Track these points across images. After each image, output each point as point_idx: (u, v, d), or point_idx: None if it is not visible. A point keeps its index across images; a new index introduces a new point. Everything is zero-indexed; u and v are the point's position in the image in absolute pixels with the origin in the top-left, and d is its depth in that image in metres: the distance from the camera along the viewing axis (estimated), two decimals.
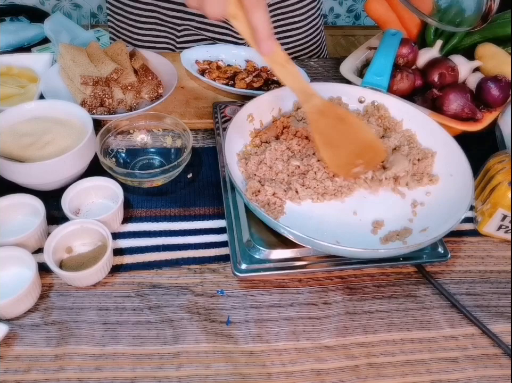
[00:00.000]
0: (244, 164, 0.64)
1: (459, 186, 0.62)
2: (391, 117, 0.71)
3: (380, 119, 0.71)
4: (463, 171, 0.62)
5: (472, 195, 0.58)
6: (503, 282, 0.62)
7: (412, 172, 0.64)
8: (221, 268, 0.61)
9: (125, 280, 0.59)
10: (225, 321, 0.56)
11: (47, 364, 0.51)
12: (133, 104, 0.80)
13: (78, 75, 0.77)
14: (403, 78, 0.76)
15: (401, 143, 0.67)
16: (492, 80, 0.75)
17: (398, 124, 0.71)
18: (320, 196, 0.61)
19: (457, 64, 0.79)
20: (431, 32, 0.85)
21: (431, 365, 0.54)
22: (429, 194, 0.64)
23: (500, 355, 0.55)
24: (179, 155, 0.71)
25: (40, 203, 0.61)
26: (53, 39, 1.15)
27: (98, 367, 0.51)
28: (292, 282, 0.60)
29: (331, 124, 0.60)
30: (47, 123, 0.68)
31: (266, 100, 0.70)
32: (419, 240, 0.56)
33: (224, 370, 0.52)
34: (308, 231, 0.53)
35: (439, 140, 0.67)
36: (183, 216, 0.67)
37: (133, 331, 0.54)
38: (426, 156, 0.67)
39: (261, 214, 0.55)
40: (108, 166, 0.66)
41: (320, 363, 0.53)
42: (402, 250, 0.57)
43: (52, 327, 0.54)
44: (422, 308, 0.59)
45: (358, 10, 1.96)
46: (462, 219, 0.56)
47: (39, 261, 0.57)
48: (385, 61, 0.78)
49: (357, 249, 0.53)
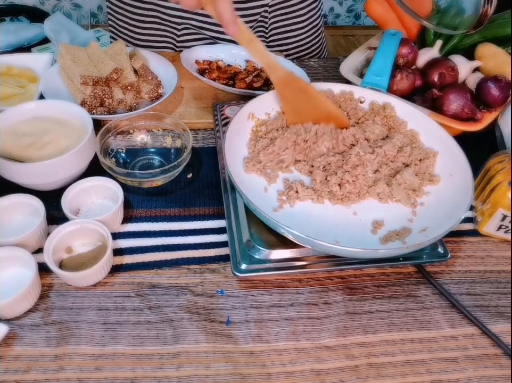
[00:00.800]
0: (253, 145, 0.66)
1: (458, 186, 0.62)
2: (396, 117, 0.71)
3: (386, 118, 0.71)
4: (463, 171, 0.62)
5: (472, 195, 0.58)
6: (503, 282, 0.62)
7: (414, 172, 0.64)
8: (221, 268, 0.61)
9: (125, 280, 0.59)
10: (225, 321, 0.56)
11: (47, 364, 0.51)
12: (133, 104, 0.80)
13: (78, 75, 0.77)
14: (403, 79, 0.76)
15: (403, 144, 0.67)
16: (492, 80, 0.75)
17: (403, 124, 0.70)
18: (320, 198, 0.61)
19: (457, 64, 0.79)
20: (431, 32, 0.85)
21: (431, 365, 0.54)
22: (429, 194, 0.64)
23: (500, 355, 0.55)
24: (179, 155, 0.71)
25: (40, 203, 0.61)
26: (53, 39, 1.15)
27: (98, 367, 0.51)
28: (292, 282, 0.60)
29: (295, 93, 0.68)
30: (47, 123, 0.68)
31: (267, 99, 0.70)
32: (418, 240, 0.56)
33: (224, 370, 0.52)
34: (308, 230, 0.53)
35: (438, 140, 0.67)
36: (183, 216, 0.67)
37: (133, 331, 0.54)
38: (428, 156, 0.67)
39: (260, 214, 0.55)
40: (108, 166, 0.66)
41: (320, 363, 0.53)
42: (401, 250, 0.57)
43: (52, 327, 0.54)
44: (422, 308, 0.59)
45: (358, 10, 1.96)
46: (462, 219, 0.56)
47: (39, 261, 0.57)
48: (385, 62, 0.78)
49: (357, 249, 0.53)
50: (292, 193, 0.61)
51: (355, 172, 0.61)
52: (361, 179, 0.61)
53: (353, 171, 0.61)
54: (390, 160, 0.65)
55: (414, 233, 0.59)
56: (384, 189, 0.62)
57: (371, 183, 0.62)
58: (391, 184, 0.62)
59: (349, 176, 0.61)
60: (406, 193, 0.62)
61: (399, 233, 0.59)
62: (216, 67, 0.90)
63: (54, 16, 1.55)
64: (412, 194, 0.63)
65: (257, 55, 0.67)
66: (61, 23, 1.32)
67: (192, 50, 0.93)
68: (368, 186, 0.62)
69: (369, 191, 0.62)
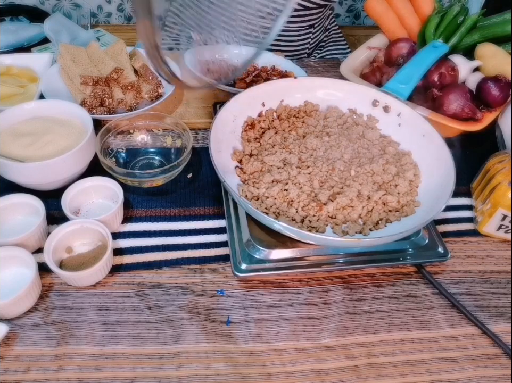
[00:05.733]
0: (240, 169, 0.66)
1: (442, 174, 0.63)
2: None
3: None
4: (445, 158, 0.63)
5: (454, 182, 0.59)
6: (503, 282, 0.62)
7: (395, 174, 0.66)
8: (221, 268, 0.61)
9: (125, 280, 0.59)
10: (225, 321, 0.56)
11: (47, 363, 0.51)
12: (133, 104, 0.80)
13: (78, 75, 0.77)
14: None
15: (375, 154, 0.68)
16: (492, 80, 0.75)
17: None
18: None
19: (457, 64, 0.79)
20: (431, 32, 0.85)
21: (431, 365, 0.54)
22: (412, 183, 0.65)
23: (500, 355, 0.55)
24: (179, 154, 0.71)
25: (40, 203, 0.61)
26: (53, 39, 1.15)
27: (98, 367, 0.51)
28: (292, 282, 0.60)
29: None
30: (47, 123, 0.68)
31: (247, 97, 0.71)
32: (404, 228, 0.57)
33: (224, 370, 0.52)
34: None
35: (420, 132, 0.68)
36: (183, 216, 0.67)
37: (133, 331, 0.54)
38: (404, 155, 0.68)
39: (250, 209, 0.55)
40: (108, 166, 0.66)
41: (320, 363, 0.53)
42: (386, 239, 0.56)
43: (52, 327, 0.54)
44: (422, 308, 0.59)
45: (358, 10, 1.95)
46: (445, 207, 0.56)
47: (39, 261, 0.57)
48: (414, 71, 0.76)
49: (338, 238, 0.55)
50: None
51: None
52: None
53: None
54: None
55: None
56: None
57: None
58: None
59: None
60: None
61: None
62: None
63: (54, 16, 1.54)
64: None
65: None
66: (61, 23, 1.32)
67: (193, 50, 0.92)
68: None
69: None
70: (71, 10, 2.18)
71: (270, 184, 0.62)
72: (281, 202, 0.60)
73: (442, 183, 0.61)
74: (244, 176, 0.64)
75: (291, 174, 0.63)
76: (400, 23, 0.89)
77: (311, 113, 0.74)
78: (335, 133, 0.70)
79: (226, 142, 0.67)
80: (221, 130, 0.65)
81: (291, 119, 0.72)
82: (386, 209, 0.62)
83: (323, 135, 0.69)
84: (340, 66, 0.83)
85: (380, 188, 0.63)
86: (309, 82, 0.76)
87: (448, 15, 0.85)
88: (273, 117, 0.73)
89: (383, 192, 0.62)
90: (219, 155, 0.62)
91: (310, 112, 0.74)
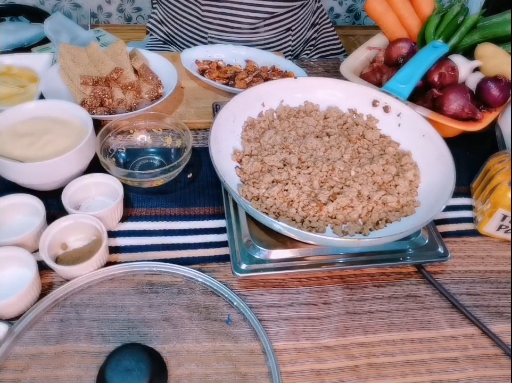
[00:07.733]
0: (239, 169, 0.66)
1: (442, 175, 0.62)
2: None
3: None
4: (445, 158, 0.63)
5: (454, 182, 0.59)
6: (503, 282, 0.62)
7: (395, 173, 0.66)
8: (221, 268, 0.61)
9: (126, 278, 0.59)
10: (226, 320, 0.56)
11: (46, 361, 0.51)
12: (133, 104, 0.80)
13: (78, 75, 0.77)
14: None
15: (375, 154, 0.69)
16: (492, 80, 0.75)
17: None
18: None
19: (457, 64, 0.79)
20: (431, 32, 0.85)
21: (431, 365, 0.54)
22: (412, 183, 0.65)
23: (500, 355, 0.55)
24: (179, 154, 0.71)
25: (40, 203, 0.61)
26: (53, 39, 1.15)
27: (97, 365, 0.51)
28: (292, 282, 0.60)
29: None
30: (47, 123, 0.68)
31: (247, 97, 0.71)
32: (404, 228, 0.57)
33: (224, 369, 0.52)
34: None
35: (420, 132, 0.68)
36: (183, 216, 0.67)
37: (133, 329, 0.54)
38: (404, 155, 0.68)
39: (250, 209, 0.55)
40: (108, 166, 0.66)
41: (320, 363, 0.53)
42: (386, 239, 0.56)
43: (51, 325, 0.54)
44: (422, 308, 0.59)
45: (358, 10, 1.96)
46: (445, 207, 0.56)
47: (38, 261, 0.57)
48: (414, 71, 0.76)
49: (338, 238, 0.55)
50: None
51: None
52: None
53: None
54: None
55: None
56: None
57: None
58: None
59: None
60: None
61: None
62: (216, 67, 0.90)
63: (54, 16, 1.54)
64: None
65: None
66: (61, 23, 1.32)
67: (193, 50, 0.93)
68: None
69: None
70: (71, 10, 2.18)
71: (270, 184, 0.62)
72: (281, 203, 0.60)
73: (441, 183, 0.61)
74: (244, 176, 0.64)
75: (291, 174, 0.63)
76: (400, 23, 0.89)
77: (311, 113, 0.74)
78: (335, 133, 0.70)
79: (226, 142, 0.67)
80: (221, 130, 0.65)
81: (291, 120, 0.72)
82: (386, 209, 0.62)
83: (323, 135, 0.70)
84: (340, 66, 0.83)
85: (380, 188, 0.63)
86: (309, 82, 0.76)
87: (448, 15, 0.85)
88: (273, 117, 0.73)
89: (383, 192, 0.62)
90: (219, 155, 0.62)
91: (309, 112, 0.74)
